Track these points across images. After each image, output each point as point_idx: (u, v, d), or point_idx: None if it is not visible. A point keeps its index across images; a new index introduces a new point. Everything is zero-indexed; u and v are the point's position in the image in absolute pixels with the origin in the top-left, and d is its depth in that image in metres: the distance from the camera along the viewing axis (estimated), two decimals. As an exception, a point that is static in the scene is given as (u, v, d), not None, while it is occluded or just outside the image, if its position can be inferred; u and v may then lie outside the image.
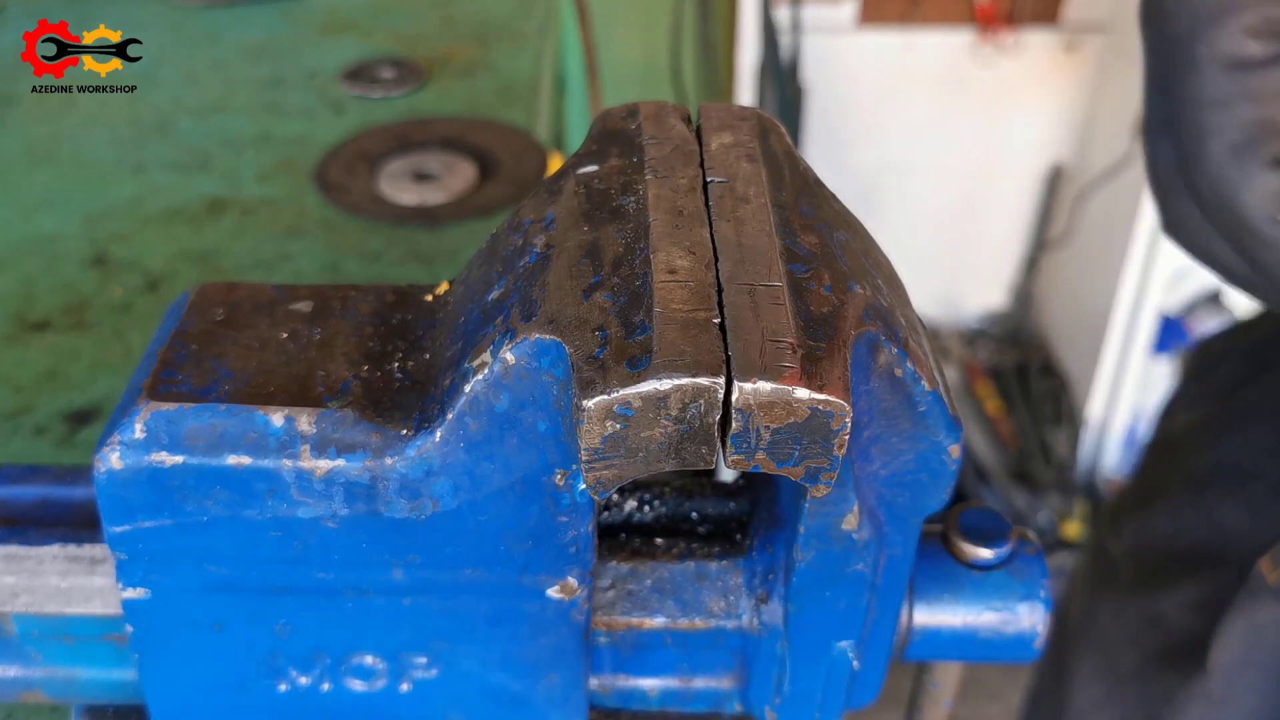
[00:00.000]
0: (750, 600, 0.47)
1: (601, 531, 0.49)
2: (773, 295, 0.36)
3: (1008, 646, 0.49)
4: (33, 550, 0.46)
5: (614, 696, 0.49)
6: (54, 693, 0.49)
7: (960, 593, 0.49)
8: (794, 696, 0.48)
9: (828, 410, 0.34)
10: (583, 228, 0.40)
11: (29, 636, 0.47)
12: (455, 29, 1.26)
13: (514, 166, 1.00)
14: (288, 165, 1.02)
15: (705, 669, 0.49)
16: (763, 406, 0.34)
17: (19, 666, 0.48)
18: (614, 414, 0.34)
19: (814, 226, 0.40)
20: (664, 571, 0.47)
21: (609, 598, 0.47)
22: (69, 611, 0.46)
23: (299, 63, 1.19)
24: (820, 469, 0.35)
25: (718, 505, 0.50)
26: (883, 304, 0.39)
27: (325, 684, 0.46)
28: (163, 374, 0.41)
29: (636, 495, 0.50)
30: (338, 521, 0.41)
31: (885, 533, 0.44)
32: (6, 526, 0.47)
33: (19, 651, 0.48)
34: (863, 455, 0.41)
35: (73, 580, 0.46)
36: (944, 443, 0.41)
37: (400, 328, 0.44)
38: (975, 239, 2.75)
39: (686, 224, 0.39)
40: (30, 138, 1.07)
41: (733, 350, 0.34)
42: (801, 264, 0.38)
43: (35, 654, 0.48)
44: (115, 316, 0.84)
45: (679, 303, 0.36)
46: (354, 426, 0.40)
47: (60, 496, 0.48)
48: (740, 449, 0.35)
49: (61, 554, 0.46)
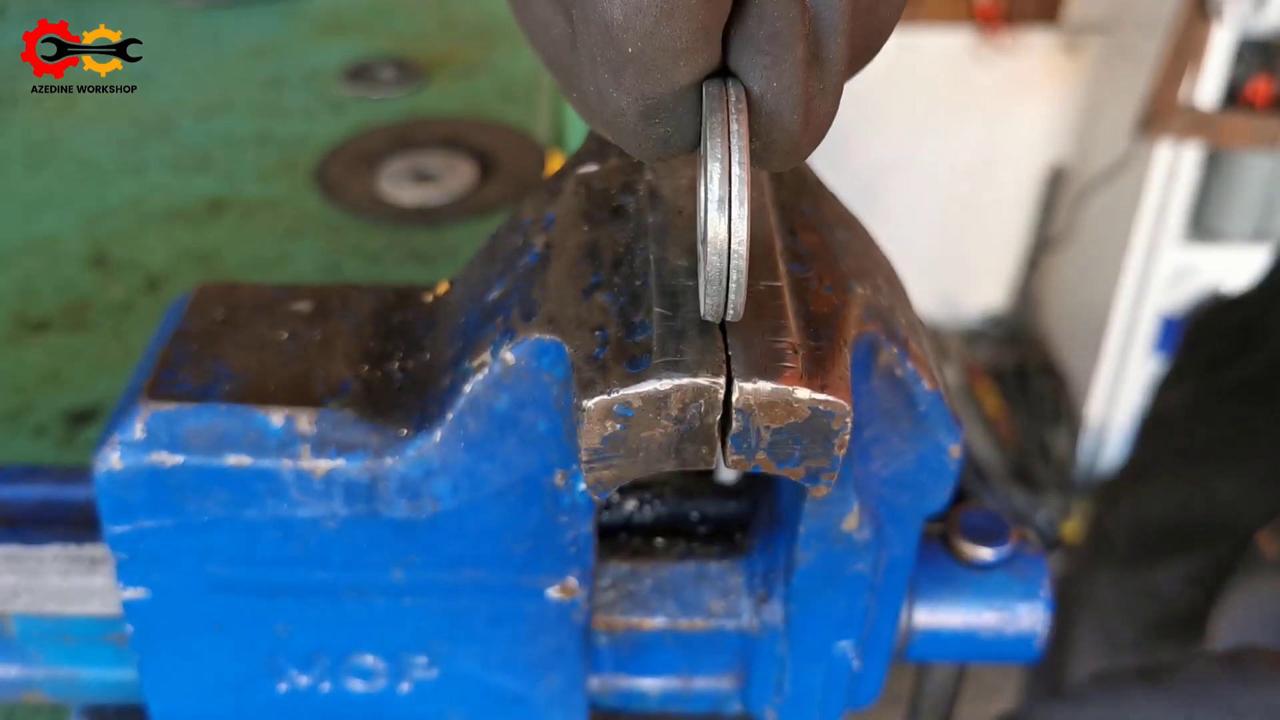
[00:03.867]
0: (750, 600, 0.47)
1: (602, 531, 0.49)
2: (773, 294, 0.36)
3: (1008, 646, 0.49)
4: (33, 550, 0.46)
5: (614, 697, 0.49)
6: (54, 692, 0.49)
7: (961, 593, 0.49)
8: (794, 696, 0.48)
9: (828, 410, 0.34)
10: (583, 228, 0.40)
11: (30, 636, 0.47)
12: (455, 29, 1.26)
13: (514, 166, 1.00)
14: (288, 165, 1.02)
15: (705, 669, 0.49)
16: (763, 407, 0.34)
17: (20, 666, 0.48)
18: (614, 414, 0.34)
19: (814, 226, 0.40)
20: (664, 571, 0.47)
21: (609, 598, 0.47)
22: (69, 611, 0.46)
23: (299, 63, 1.19)
24: (821, 469, 0.35)
25: (718, 505, 0.50)
26: (883, 304, 0.39)
27: (325, 684, 0.46)
28: (163, 374, 0.41)
29: (637, 495, 0.50)
30: (338, 521, 0.41)
31: (885, 533, 0.44)
32: (7, 526, 0.47)
33: (20, 651, 0.48)
34: (863, 455, 0.41)
35: (73, 580, 0.46)
36: (944, 443, 0.41)
37: (400, 328, 0.44)
38: (975, 239, 2.75)
39: (686, 224, 0.39)
40: (30, 138, 1.07)
41: (733, 350, 0.34)
42: (801, 263, 0.38)
43: (36, 654, 0.48)
44: (115, 316, 0.84)
45: (679, 302, 0.36)
46: (354, 426, 0.40)
47: (61, 497, 0.48)
48: (740, 449, 0.35)
49: (62, 554, 0.46)
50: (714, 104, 0.30)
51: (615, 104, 0.31)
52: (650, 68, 0.29)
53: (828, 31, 0.30)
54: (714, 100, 0.30)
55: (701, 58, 0.30)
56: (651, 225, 0.39)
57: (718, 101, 0.30)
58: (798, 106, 0.30)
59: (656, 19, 0.28)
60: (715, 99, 0.30)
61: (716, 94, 0.30)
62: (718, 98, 0.30)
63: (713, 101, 0.30)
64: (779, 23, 0.29)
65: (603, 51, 0.29)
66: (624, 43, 0.29)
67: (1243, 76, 2.14)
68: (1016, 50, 2.48)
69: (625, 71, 0.29)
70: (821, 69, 0.30)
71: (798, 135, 0.31)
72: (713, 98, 0.30)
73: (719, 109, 0.30)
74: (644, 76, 0.30)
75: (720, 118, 0.30)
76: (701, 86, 0.30)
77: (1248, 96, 2.13)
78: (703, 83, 0.30)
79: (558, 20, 0.33)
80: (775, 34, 0.29)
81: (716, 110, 0.30)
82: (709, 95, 0.30)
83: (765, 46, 0.30)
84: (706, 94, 0.30)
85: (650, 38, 0.29)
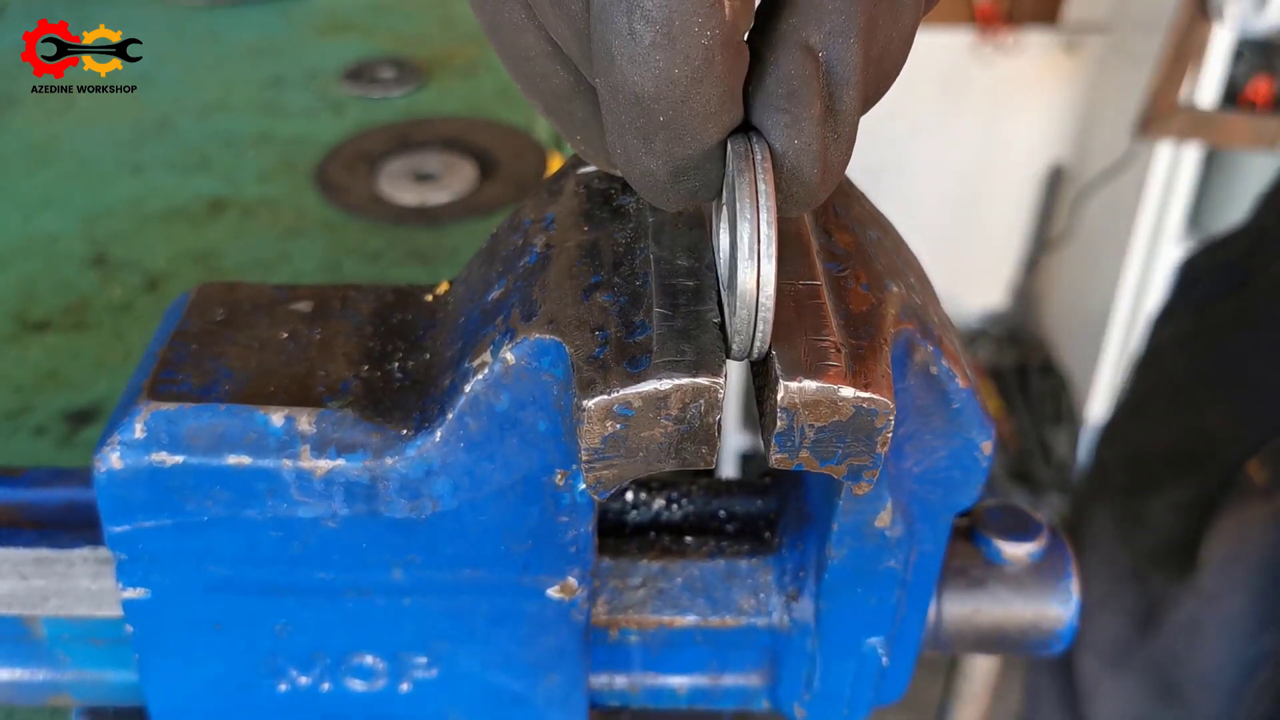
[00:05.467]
0: (781, 598, 0.47)
1: (631, 530, 0.49)
2: (813, 294, 0.36)
3: (1036, 642, 0.49)
4: (62, 554, 0.46)
5: (644, 694, 0.49)
6: (82, 695, 0.49)
7: (990, 590, 0.49)
8: (823, 693, 0.48)
9: (872, 408, 0.34)
10: (583, 228, 0.40)
11: (59, 640, 0.47)
12: (455, 29, 1.26)
13: (514, 166, 1.00)
14: (288, 165, 1.02)
15: (735, 666, 0.49)
16: (808, 405, 0.34)
17: (48, 670, 0.48)
18: (614, 414, 0.34)
19: (847, 226, 0.40)
20: (694, 570, 0.47)
21: (640, 596, 0.47)
22: (100, 614, 0.46)
23: (299, 63, 1.19)
24: (863, 467, 0.35)
25: (746, 503, 0.50)
26: (916, 302, 0.40)
27: (325, 684, 0.46)
28: (163, 374, 0.41)
29: (665, 494, 0.50)
30: (338, 521, 0.41)
31: (916, 529, 0.44)
32: (36, 529, 0.47)
33: (48, 655, 0.47)
34: (896, 452, 0.41)
35: (103, 583, 0.45)
36: (976, 439, 0.41)
37: (400, 328, 0.44)
38: (975, 239, 2.75)
39: (687, 224, 0.39)
40: (30, 138, 1.07)
41: (776, 349, 0.34)
42: (838, 263, 0.38)
43: (64, 657, 0.47)
44: (115, 316, 0.84)
45: (679, 302, 0.36)
46: (354, 426, 0.40)
47: (88, 499, 0.48)
48: (784, 448, 0.35)
49: (91, 556, 0.46)
50: (741, 164, 0.32)
51: (645, 166, 0.32)
52: (681, 133, 0.31)
53: (841, 85, 0.31)
54: (741, 160, 0.32)
55: (728, 117, 0.31)
56: (651, 225, 0.39)
57: (745, 161, 0.32)
58: (817, 161, 0.32)
59: (687, 88, 0.29)
60: (742, 158, 0.32)
61: (743, 153, 0.32)
62: (744, 157, 0.32)
63: (740, 161, 0.32)
64: (795, 81, 0.31)
65: (633, 122, 0.30)
66: (655, 113, 0.30)
67: (1243, 76, 2.14)
68: (1016, 50, 2.48)
69: (656, 138, 0.31)
70: (836, 120, 0.32)
71: (816, 187, 0.32)
72: (739, 156, 0.32)
73: (747, 169, 0.31)
74: (675, 141, 0.31)
75: (749, 178, 0.31)
76: (726, 142, 0.32)
77: (1248, 96, 2.14)
78: (728, 139, 0.32)
79: (557, 71, 0.34)
80: (793, 92, 0.31)
81: (745, 170, 0.31)
82: (735, 154, 0.32)
83: (784, 105, 0.31)
84: (734, 153, 0.32)
85: (682, 106, 0.30)
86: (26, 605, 0.46)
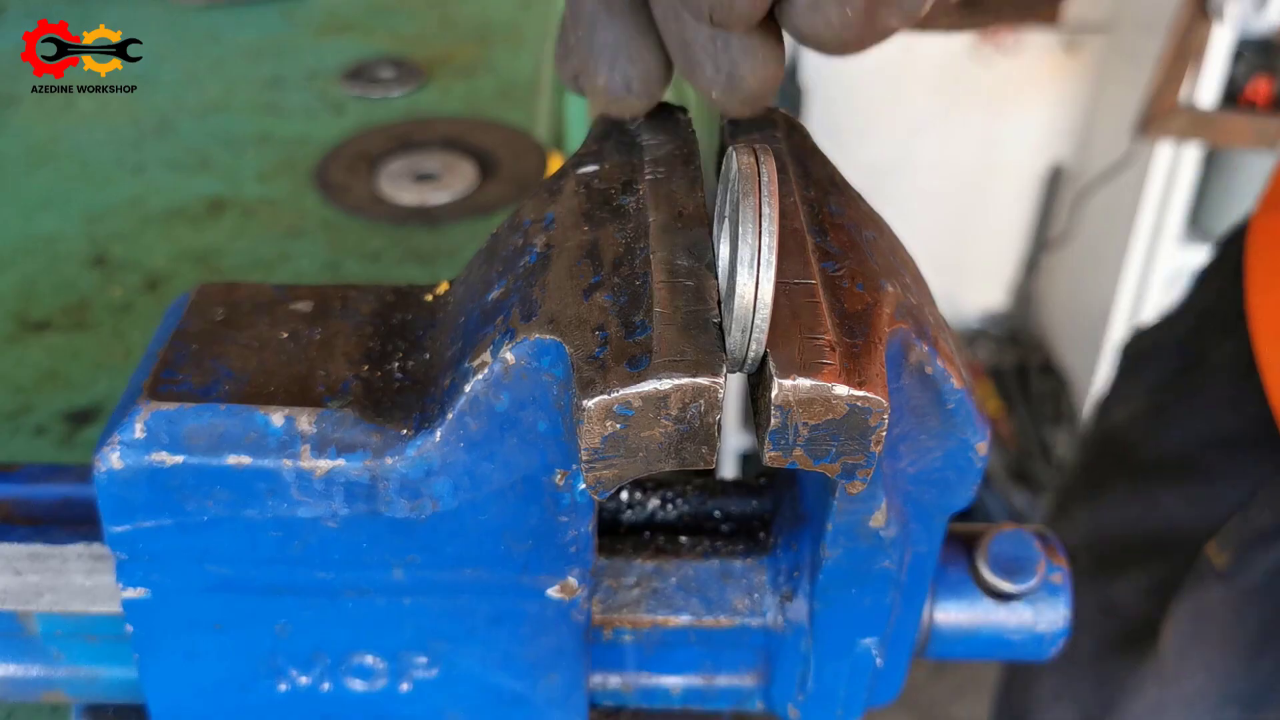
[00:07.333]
0: (775, 598, 0.47)
1: (625, 530, 0.49)
2: (808, 292, 0.36)
3: (1028, 647, 0.50)
4: (57, 549, 0.46)
5: (637, 694, 0.49)
6: (75, 692, 0.49)
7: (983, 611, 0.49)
8: (817, 694, 0.48)
9: (866, 407, 0.34)
10: (583, 228, 0.40)
11: (52, 636, 0.47)
12: (455, 29, 1.26)
13: (514, 166, 1.00)
14: (288, 165, 1.02)
15: (729, 666, 0.49)
16: (802, 403, 0.34)
17: (41, 666, 0.48)
18: (614, 414, 0.34)
19: (843, 225, 0.40)
20: (689, 569, 0.47)
21: (634, 596, 0.47)
22: (94, 610, 0.46)
23: (299, 63, 1.19)
24: (857, 465, 0.35)
25: (741, 503, 0.50)
26: (912, 302, 0.40)
27: (325, 684, 0.46)
28: (163, 374, 0.41)
29: (659, 493, 0.50)
30: (338, 521, 0.41)
31: (911, 530, 0.44)
32: (30, 525, 0.47)
33: (42, 651, 0.47)
34: (891, 453, 0.41)
35: (97, 579, 0.45)
36: (971, 440, 0.41)
37: (400, 328, 0.44)
38: (975, 239, 2.75)
39: (687, 224, 0.39)
40: (30, 138, 1.07)
41: (771, 347, 0.34)
42: (833, 261, 0.38)
43: (58, 653, 0.47)
44: (115, 316, 0.84)
45: (679, 303, 0.36)
46: (354, 426, 0.40)
47: (83, 495, 0.48)
48: (778, 445, 0.35)
49: (86, 552, 0.46)
50: (746, 186, 0.32)
51: None
52: None
53: None
54: (746, 181, 0.32)
55: None
56: (651, 225, 0.39)
57: (750, 183, 0.32)
58: None
59: None
60: (748, 179, 0.32)
61: (748, 164, 0.32)
62: (750, 177, 0.32)
63: (745, 184, 0.32)
64: None
65: None
66: None
67: (1243, 76, 2.14)
68: (1016, 50, 2.48)
69: None
70: None
71: None
72: (745, 178, 0.32)
73: (751, 191, 0.32)
74: None
75: (753, 202, 0.32)
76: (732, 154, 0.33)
77: (1248, 96, 2.14)
78: (733, 150, 0.32)
79: None
80: None
81: (749, 193, 0.32)
82: (740, 171, 0.32)
83: None
84: (738, 165, 0.32)
85: None
86: (20, 601, 0.46)
